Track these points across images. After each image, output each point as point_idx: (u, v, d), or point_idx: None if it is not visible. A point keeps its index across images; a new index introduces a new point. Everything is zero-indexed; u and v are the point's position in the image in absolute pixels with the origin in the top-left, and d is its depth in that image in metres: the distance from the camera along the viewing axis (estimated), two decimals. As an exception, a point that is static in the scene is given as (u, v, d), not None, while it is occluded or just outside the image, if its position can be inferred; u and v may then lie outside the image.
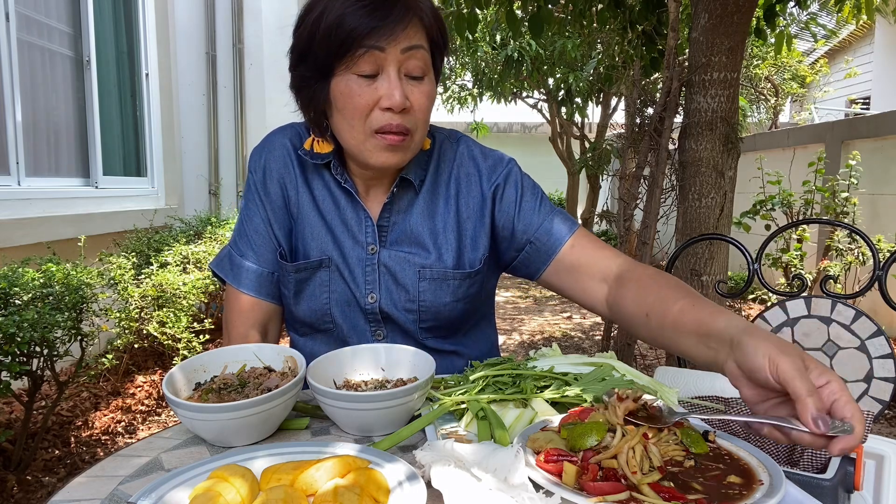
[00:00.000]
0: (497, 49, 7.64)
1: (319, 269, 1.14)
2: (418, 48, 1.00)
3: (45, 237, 3.17)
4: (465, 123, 10.95)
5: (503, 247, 1.18)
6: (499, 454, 0.71)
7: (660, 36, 3.52)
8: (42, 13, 3.68)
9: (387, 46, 0.97)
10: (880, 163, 4.89)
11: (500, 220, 1.16)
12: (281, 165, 1.16)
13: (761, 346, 0.70)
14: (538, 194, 1.18)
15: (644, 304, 0.96)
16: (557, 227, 1.14)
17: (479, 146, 1.21)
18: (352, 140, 1.04)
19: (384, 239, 1.14)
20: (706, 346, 0.81)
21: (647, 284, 0.99)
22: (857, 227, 1.68)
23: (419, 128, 1.05)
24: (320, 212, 1.15)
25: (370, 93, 1.00)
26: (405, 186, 1.14)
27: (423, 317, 1.14)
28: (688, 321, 0.86)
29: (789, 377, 0.66)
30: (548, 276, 1.15)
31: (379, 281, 1.13)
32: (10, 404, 2.87)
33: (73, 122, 4.00)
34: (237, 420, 0.82)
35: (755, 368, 0.70)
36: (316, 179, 1.16)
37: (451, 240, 1.14)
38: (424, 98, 1.03)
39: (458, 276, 1.13)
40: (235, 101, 5.47)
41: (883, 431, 3.18)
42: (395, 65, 0.99)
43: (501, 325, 5.52)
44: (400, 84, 0.99)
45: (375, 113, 1.01)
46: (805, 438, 0.65)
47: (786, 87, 10.94)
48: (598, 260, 1.10)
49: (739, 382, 0.74)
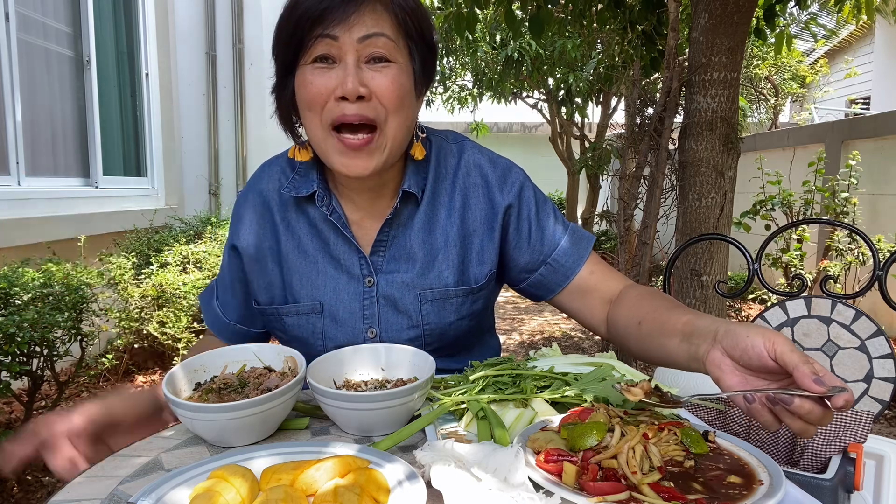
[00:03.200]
0: (497, 49, 7.64)
1: (311, 315, 1.08)
2: (378, 36, 0.93)
3: (45, 237, 3.17)
4: (465, 123, 10.95)
5: (512, 266, 1.14)
6: (499, 454, 0.71)
7: (660, 36, 3.52)
8: (42, 13, 3.68)
9: (340, 35, 0.91)
10: (880, 163, 4.89)
11: (514, 240, 1.11)
12: (258, 217, 1.11)
13: (752, 331, 0.73)
14: (550, 209, 1.14)
15: (638, 314, 0.98)
16: (574, 248, 1.12)
17: (486, 153, 1.14)
18: (314, 139, 0.98)
19: (380, 260, 1.08)
20: (688, 343, 0.83)
21: (642, 297, 1.02)
22: (857, 227, 1.68)
23: (389, 119, 0.96)
24: (307, 255, 1.08)
25: (325, 81, 0.93)
26: (406, 199, 1.07)
27: (427, 339, 1.09)
28: (675, 323, 0.88)
29: (787, 350, 0.69)
30: (559, 297, 1.13)
31: (378, 314, 1.07)
32: (10, 404, 2.87)
33: (73, 122, 4.00)
34: (237, 420, 0.82)
35: (750, 346, 0.72)
36: (300, 220, 1.09)
37: (452, 255, 1.08)
38: (388, 82, 0.93)
39: (460, 294, 1.08)
40: (235, 101, 5.47)
41: (883, 431, 3.18)
42: (352, 54, 0.92)
43: (501, 325, 5.52)
44: (356, 71, 0.92)
45: (331, 103, 0.94)
46: (805, 405, 0.66)
47: (786, 87, 10.94)
48: (607, 282, 1.11)
49: (723, 371, 0.75)
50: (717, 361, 0.75)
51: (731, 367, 0.74)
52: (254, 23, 5.43)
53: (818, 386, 0.65)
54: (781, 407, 0.68)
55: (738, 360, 0.74)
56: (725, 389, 0.74)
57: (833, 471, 0.86)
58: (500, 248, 1.11)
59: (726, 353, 0.75)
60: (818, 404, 0.66)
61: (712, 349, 0.76)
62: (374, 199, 1.08)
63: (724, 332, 0.76)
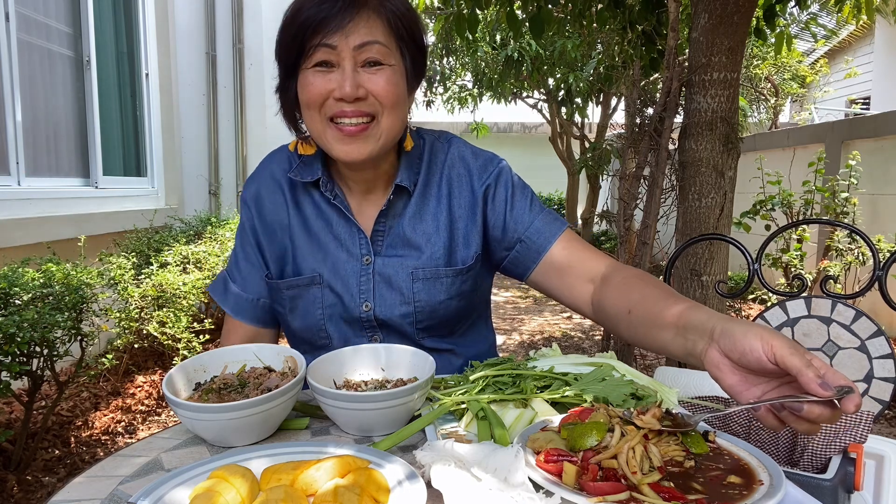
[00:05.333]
0: (497, 49, 7.64)
1: (311, 287, 1.16)
2: (372, 44, 1.01)
3: (45, 237, 3.17)
4: (465, 123, 10.95)
5: (494, 246, 1.20)
6: (499, 454, 0.71)
7: (660, 36, 3.52)
8: (42, 13, 3.68)
9: (338, 43, 1.00)
10: (880, 163, 4.89)
11: (492, 220, 1.19)
12: (270, 192, 1.19)
13: (750, 331, 0.72)
14: (528, 194, 1.20)
15: (627, 301, 0.99)
16: (547, 227, 1.16)
17: (471, 147, 1.23)
18: (315, 132, 1.07)
19: (379, 246, 1.16)
20: (684, 338, 0.83)
21: (631, 283, 1.02)
22: (857, 227, 1.68)
23: (385, 113, 1.05)
24: (312, 232, 1.17)
25: (324, 83, 1.02)
26: (399, 192, 1.16)
27: (418, 317, 1.15)
28: (667, 315, 0.87)
29: (786, 353, 0.68)
30: (536, 275, 1.17)
31: (373, 289, 1.15)
32: (10, 404, 2.87)
33: (73, 122, 4.00)
34: (237, 420, 0.82)
35: (748, 350, 0.71)
36: (306, 201, 1.18)
37: (443, 238, 1.16)
38: (384, 83, 1.03)
39: (450, 274, 1.15)
40: (235, 101, 5.47)
41: (883, 431, 3.18)
42: (349, 59, 1.01)
43: (501, 325, 5.52)
44: (353, 75, 1.01)
45: (329, 101, 1.03)
46: (815, 410, 0.66)
47: (786, 87, 10.93)
48: (585, 261, 1.13)
49: (721, 371, 0.75)
50: (715, 361, 0.75)
51: (730, 368, 0.74)
52: (254, 23, 5.43)
53: (825, 391, 0.65)
54: (788, 412, 0.68)
55: (738, 361, 0.73)
56: (725, 389, 0.74)
57: (833, 471, 0.86)
58: (482, 230, 1.19)
59: (724, 354, 0.75)
60: (827, 406, 0.66)
61: (710, 348, 0.77)
62: (370, 190, 1.17)
63: (721, 331, 0.75)
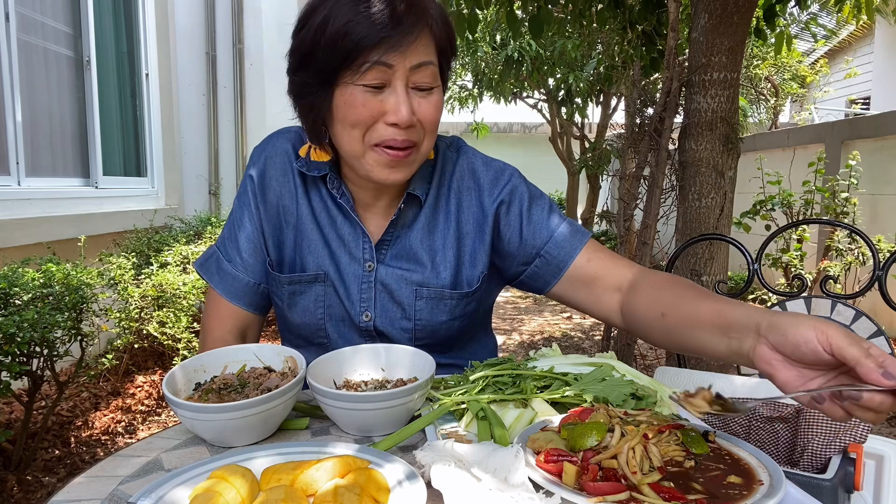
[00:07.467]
0: (497, 49, 7.64)
1: (315, 284, 1.11)
2: (427, 65, 0.96)
3: (45, 237, 3.17)
4: (465, 123, 10.95)
5: (508, 261, 1.15)
6: (499, 454, 0.71)
7: (660, 36, 3.52)
8: (42, 13, 3.68)
9: (395, 63, 0.93)
10: (880, 163, 4.89)
11: (506, 234, 1.13)
12: (280, 174, 1.12)
13: (802, 322, 0.70)
14: (545, 204, 1.14)
15: (660, 304, 0.95)
16: (568, 240, 1.11)
17: (480, 157, 1.17)
18: (351, 151, 1.01)
19: (383, 255, 1.11)
20: (727, 338, 0.80)
21: (662, 286, 0.99)
22: (857, 227, 1.68)
23: (425, 140, 1.01)
24: (318, 225, 1.11)
25: (375, 105, 0.95)
26: (411, 201, 1.10)
27: (418, 335, 1.11)
28: (705, 315, 0.84)
29: (844, 344, 0.66)
30: (558, 289, 1.12)
31: (375, 299, 1.10)
32: (10, 404, 2.87)
33: (73, 122, 4.00)
34: (237, 420, 0.82)
35: (802, 342, 0.68)
36: (314, 191, 1.12)
37: (449, 257, 1.11)
38: (433, 110, 0.99)
39: (455, 296, 1.10)
40: (235, 101, 5.47)
41: (883, 431, 3.18)
42: (402, 79, 0.95)
43: (501, 326, 5.52)
44: (408, 99, 0.95)
45: (379, 126, 0.97)
46: (875, 398, 0.65)
47: (786, 88, 10.93)
48: (611, 269, 1.08)
49: (774, 367, 0.72)
50: (766, 357, 0.72)
51: (783, 363, 0.71)
52: (254, 23, 5.43)
53: (887, 380, 0.63)
54: (851, 402, 0.66)
55: (790, 355, 0.70)
56: (780, 386, 0.72)
57: (833, 471, 0.86)
58: (490, 249, 1.13)
59: (775, 349, 0.72)
60: (889, 395, 0.64)
61: (758, 345, 0.73)
62: (379, 196, 1.11)
63: (768, 325, 0.72)
